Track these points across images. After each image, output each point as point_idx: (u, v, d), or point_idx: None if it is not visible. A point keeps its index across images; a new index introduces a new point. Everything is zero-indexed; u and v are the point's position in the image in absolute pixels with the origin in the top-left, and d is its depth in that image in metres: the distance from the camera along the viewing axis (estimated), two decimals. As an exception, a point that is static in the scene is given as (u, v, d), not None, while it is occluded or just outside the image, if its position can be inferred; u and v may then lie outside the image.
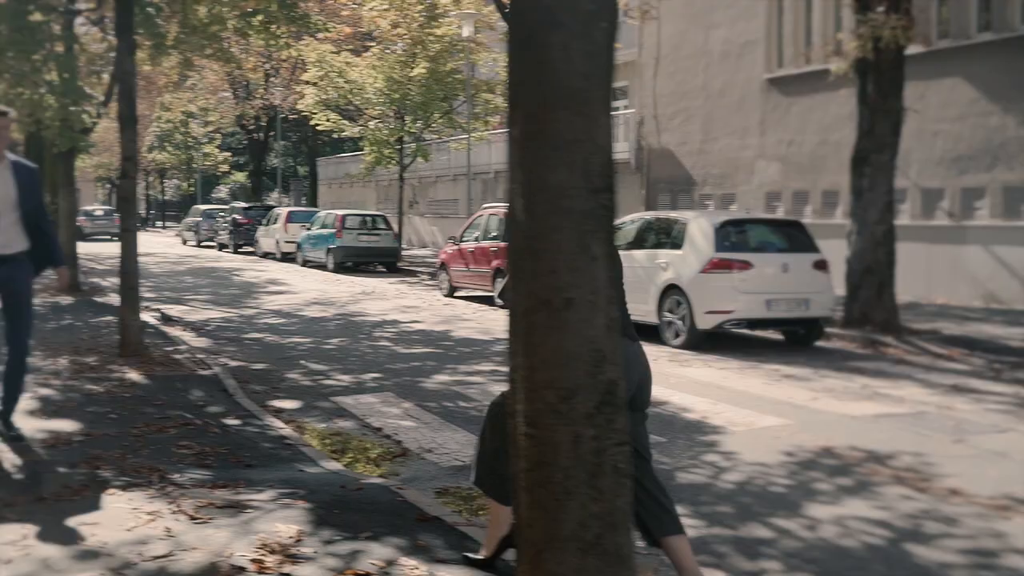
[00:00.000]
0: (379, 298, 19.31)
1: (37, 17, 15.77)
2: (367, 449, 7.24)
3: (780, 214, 20.54)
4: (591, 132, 2.52)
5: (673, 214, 13.85)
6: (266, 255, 33.17)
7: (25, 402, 7.78)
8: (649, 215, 14.55)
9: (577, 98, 2.50)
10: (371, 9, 25.72)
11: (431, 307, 17.75)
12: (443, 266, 20.07)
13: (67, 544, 4.54)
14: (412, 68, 27.16)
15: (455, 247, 19.56)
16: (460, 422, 8.11)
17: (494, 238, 18.27)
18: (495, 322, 15.38)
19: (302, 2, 16.97)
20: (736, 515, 5.71)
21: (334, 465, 6.46)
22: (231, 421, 7.68)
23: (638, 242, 13.55)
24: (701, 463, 6.95)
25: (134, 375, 9.39)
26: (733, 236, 12.52)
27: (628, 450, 2.63)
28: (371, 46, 28.75)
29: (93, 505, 5.21)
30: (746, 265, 12.11)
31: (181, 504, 5.19)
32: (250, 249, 35.47)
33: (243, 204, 40.07)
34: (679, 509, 5.85)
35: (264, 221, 33.75)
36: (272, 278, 24.62)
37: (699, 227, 12.60)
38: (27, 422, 7.09)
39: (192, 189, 65.17)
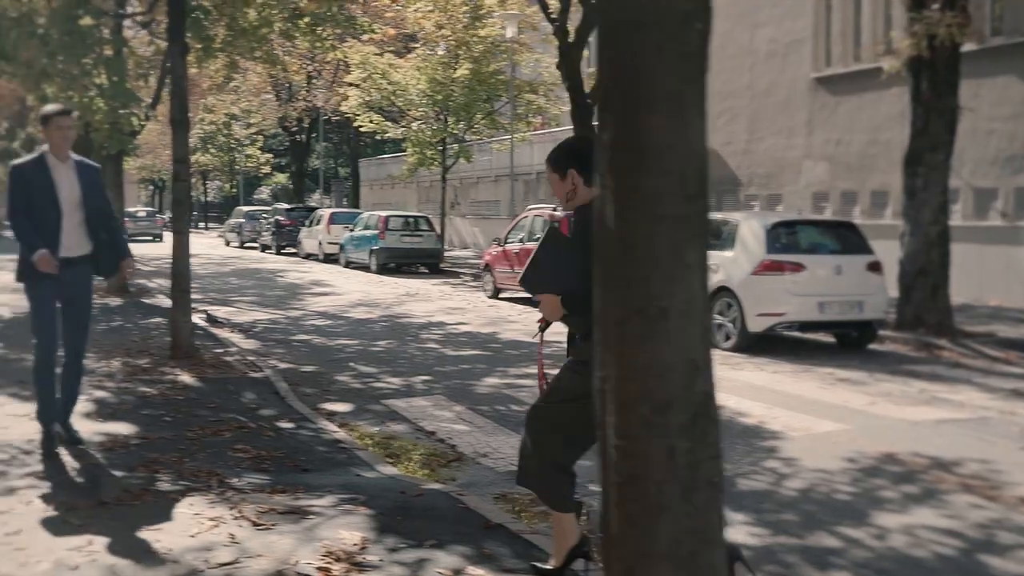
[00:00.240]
0: (423, 300, 19.30)
1: (87, 21, 15.91)
2: (422, 453, 7.18)
3: (828, 214, 20.32)
4: (686, 137, 2.45)
5: (723, 215, 13.68)
6: (308, 256, 33.30)
7: (81, 404, 7.80)
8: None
9: (672, 102, 2.43)
10: (415, 11, 25.72)
11: (476, 309, 17.71)
12: (487, 267, 20.02)
13: (132, 551, 4.52)
14: (455, 69, 27.14)
15: (500, 249, 19.51)
16: (513, 426, 8.02)
17: (539, 239, 18.14)
18: (541, 324, 15.28)
19: (349, 4, 16.97)
20: (801, 524, 5.60)
21: (390, 470, 6.42)
22: (285, 424, 7.65)
23: (687, 244, 13.41)
24: (762, 469, 6.83)
25: (186, 377, 9.41)
26: (785, 237, 12.37)
27: (721, 464, 2.55)
28: (414, 47, 28.78)
29: (155, 510, 5.19)
30: (798, 267, 11.95)
31: (243, 509, 5.16)
32: (292, 250, 35.63)
33: (286, 205, 40.25)
34: (741, 516, 5.79)
35: (307, 222, 33.88)
36: (316, 279, 24.70)
37: (750, 228, 12.45)
38: (84, 424, 7.11)
39: (234, 191, 65.65)
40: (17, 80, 17.71)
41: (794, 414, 8.56)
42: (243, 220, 42.69)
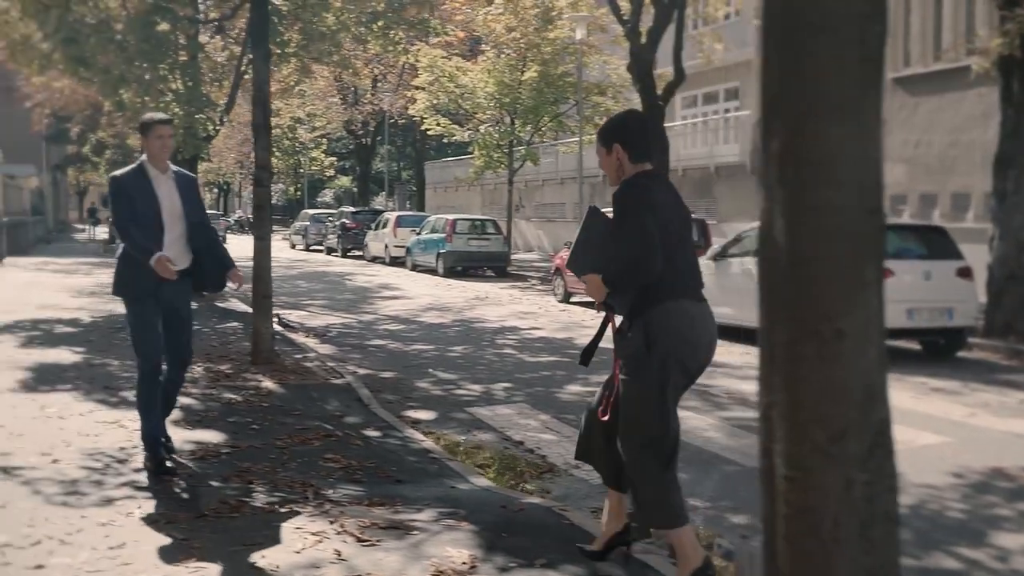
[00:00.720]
0: (494, 304, 19.21)
1: (165, 27, 16.07)
2: (512, 464, 7.04)
3: (905, 217, 19.87)
4: (864, 146, 2.27)
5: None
6: (375, 259, 33.40)
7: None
8: (779, 220, 14.09)
9: (849, 109, 2.26)
10: (486, 14, 25.67)
11: (548, 313, 17.57)
12: (558, 271, 19.86)
13: (239, 568, 4.42)
14: (523, 72, 27.03)
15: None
16: (602, 436, 7.88)
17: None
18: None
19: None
20: (916, 543, 5.37)
21: (484, 482, 6.29)
22: (371, 433, 7.57)
23: (768, 248, 13.16)
24: (866, 484, 6.58)
25: (269, 384, 9.38)
26: (871, 242, 12.02)
27: (898, 496, 2.38)
28: (484, 50, 28.72)
29: (255, 523, 5.11)
30: (886, 272, 11.60)
31: (344, 524, 5.06)
32: (358, 253, 35.77)
33: (352, 208, 40.43)
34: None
35: (373, 226, 33.98)
36: (384, 283, 24.72)
37: (835, 233, 12.14)
38: (174, 432, 7.04)
39: (298, 193, 66.21)
40: (95, 86, 17.96)
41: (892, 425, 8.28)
42: (308, 223, 42.97)
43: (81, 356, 10.74)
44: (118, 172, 6.30)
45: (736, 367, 11.33)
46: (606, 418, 4.36)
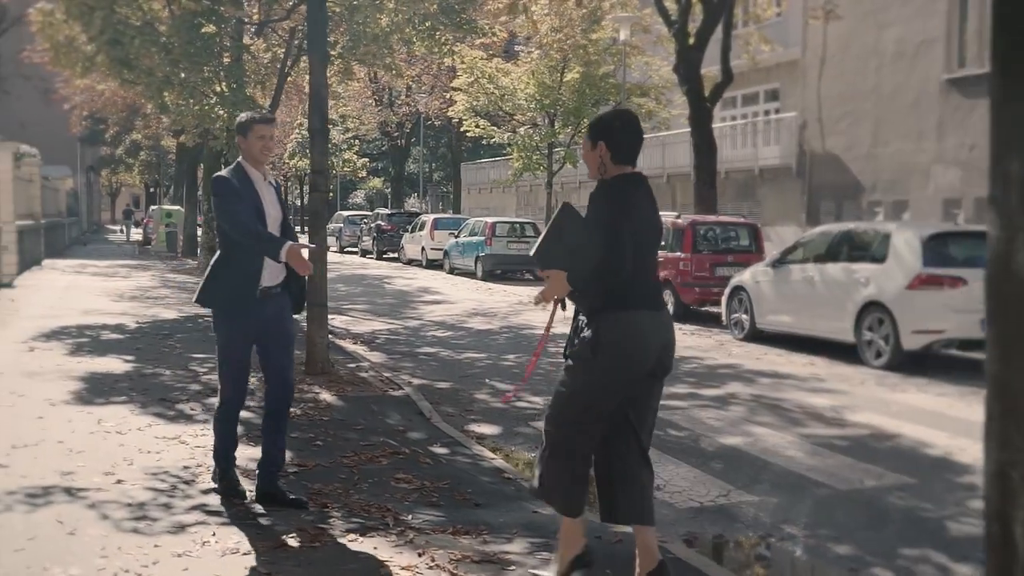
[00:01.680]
0: (539, 309, 18.85)
1: (210, 29, 15.86)
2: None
3: (960, 222, 19.40)
4: None
5: (873, 225, 13.03)
6: (411, 262, 33.18)
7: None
8: (843, 226, 13.70)
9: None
10: (531, 14, 25.32)
11: (595, 319, 17.21)
12: (603, 276, 19.48)
13: (332, 607, 4.13)
14: (565, 73, 26.70)
15: (617, 257, 18.97)
16: (677, 453, 7.55)
17: (661, 248, 17.60)
18: (669, 337, 14.76)
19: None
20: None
21: (566, 505, 5.96)
22: (438, 450, 7.27)
23: (830, 255, 12.78)
24: (969, 511, 6.21)
25: (327, 396, 9.11)
26: (942, 249, 11.64)
27: None
28: (521, 50, 28.39)
29: (339, 555, 4.81)
30: (959, 281, 11.22)
31: (433, 556, 4.76)
32: (393, 255, 35.56)
33: (387, 210, 40.23)
34: (962, 567, 5.24)
35: (409, 228, 33.75)
36: (423, 286, 24.46)
37: (904, 239, 11.76)
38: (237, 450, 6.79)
39: (330, 195, 66.12)
40: (138, 88, 17.79)
41: (981, 445, 7.90)
42: (342, 225, 42.81)
43: (132, 365, 10.51)
44: (223, 172, 5.62)
45: (803, 379, 10.96)
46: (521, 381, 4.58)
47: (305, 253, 5.48)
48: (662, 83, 27.48)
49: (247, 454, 6.75)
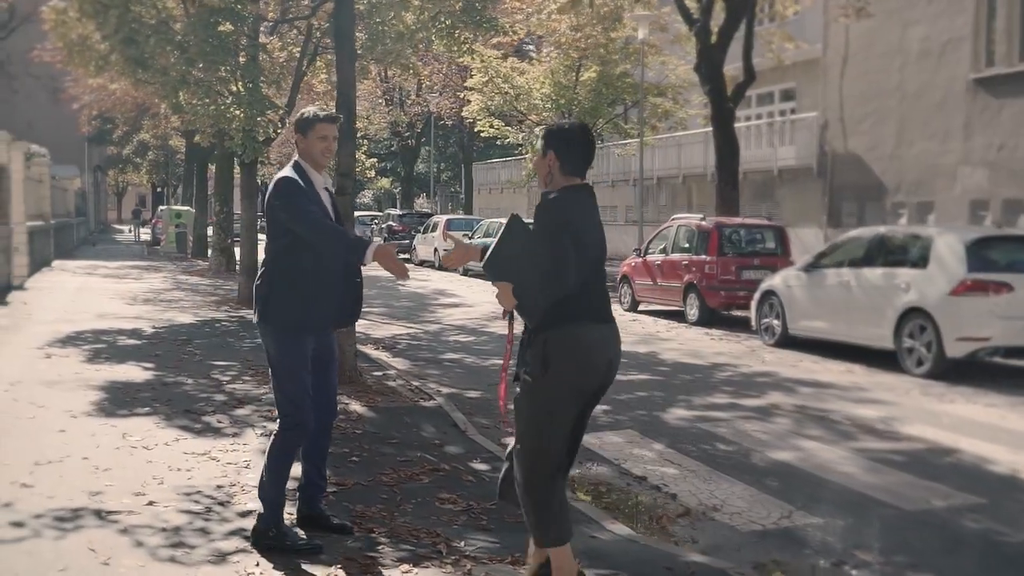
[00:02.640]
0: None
1: (227, 28, 15.52)
2: (642, 505, 6.40)
3: (987, 223, 19.05)
4: None
5: (913, 229, 12.69)
6: (423, 263, 32.88)
7: (258, 440, 7.23)
8: (880, 229, 13.33)
9: None
10: (549, 14, 24.98)
11: (618, 323, 16.85)
12: (625, 279, 19.16)
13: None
14: (582, 73, 26.35)
15: (638, 259, 18.65)
16: (729, 470, 7.22)
17: (685, 251, 17.28)
18: (697, 342, 14.44)
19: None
20: None
21: (623, 529, 5.63)
22: (479, 466, 6.95)
23: (868, 259, 12.42)
24: (1049, 534, 5.90)
25: (357, 407, 8.80)
26: (986, 254, 11.28)
27: None
28: (531, 50, 28.06)
29: (395, 589, 4.49)
30: (1005, 287, 10.86)
31: (497, 591, 4.43)
32: (404, 256, 35.22)
33: (398, 211, 39.93)
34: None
35: (421, 229, 33.43)
36: (438, 288, 24.14)
37: (947, 244, 11.40)
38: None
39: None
40: (152, 87, 17.47)
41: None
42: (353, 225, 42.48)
43: (152, 373, 10.18)
44: (287, 173, 5.03)
45: (844, 388, 10.61)
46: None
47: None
48: (679, 82, 27.11)
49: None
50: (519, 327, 4.39)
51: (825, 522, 6.04)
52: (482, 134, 30.98)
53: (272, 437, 5.09)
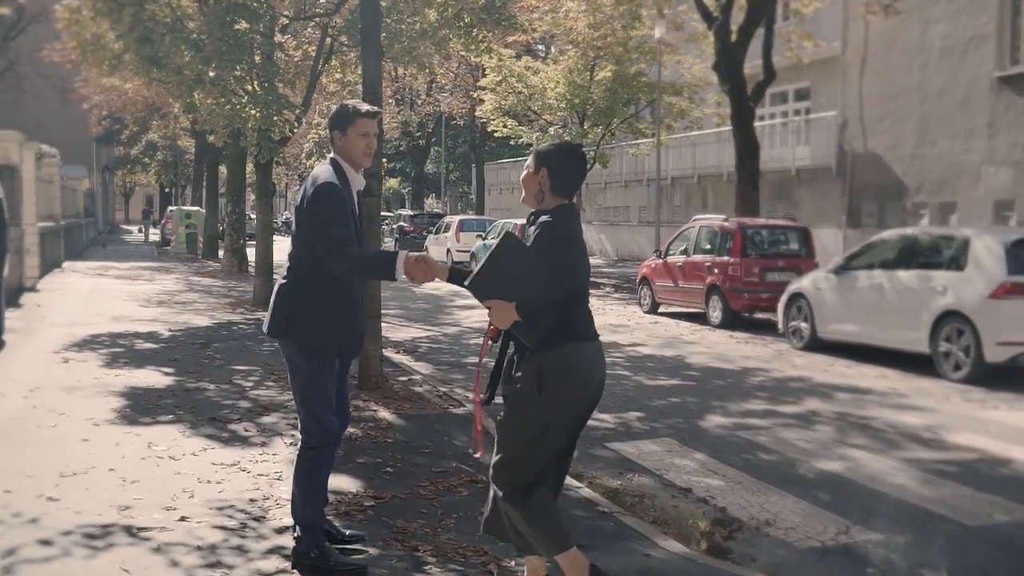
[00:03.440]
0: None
1: (243, 26, 15.28)
2: (690, 519, 6.14)
3: (1012, 224, 18.76)
4: None
5: (948, 230, 12.40)
6: (435, 264, 32.60)
7: (288, 450, 6.98)
8: (912, 231, 13.06)
9: None
10: (566, 12, 24.71)
11: (639, 325, 16.63)
12: (644, 280, 18.90)
13: None
14: (597, 72, 26.07)
15: (659, 261, 18.39)
16: (776, 481, 6.95)
17: (707, 252, 17.02)
18: (723, 345, 14.17)
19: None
20: None
21: (677, 547, 5.38)
22: (518, 477, 6.67)
23: (901, 261, 12.15)
24: (1123, 553, 5.62)
25: (386, 414, 8.54)
26: (1028, 255, 11.00)
27: None
28: (540, 49, 27.78)
29: (450, 615, 4.24)
30: (1047, 292, 10.58)
31: (559, 618, 4.18)
32: (417, 257, 35.02)
33: (409, 212, 39.70)
34: None
35: (434, 230, 33.22)
36: (453, 290, 23.80)
37: (985, 246, 11.12)
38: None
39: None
40: (167, 87, 17.24)
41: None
42: (363, 226, 42.27)
43: (173, 379, 9.94)
44: (330, 178, 4.54)
45: (882, 393, 10.34)
46: (478, 454, 4.62)
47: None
48: (694, 81, 26.83)
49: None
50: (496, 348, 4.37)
51: (885, 538, 5.77)
52: (496, 134, 30.72)
53: (298, 457, 4.79)
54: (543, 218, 4.15)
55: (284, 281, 4.73)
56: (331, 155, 4.75)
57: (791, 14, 23.05)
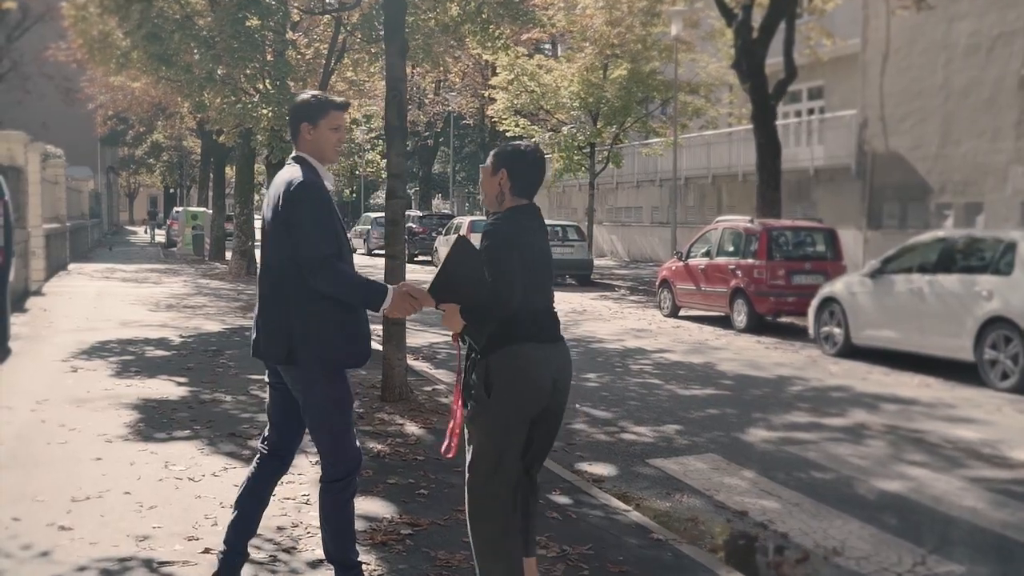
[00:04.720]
0: (596, 318, 17.83)
1: (255, 23, 14.87)
2: (751, 546, 5.70)
3: (1040, 226, 18.31)
4: None
5: (992, 233, 11.92)
6: (444, 265, 32.16)
7: (314, 469, 6.52)
8: (954, 234, 12.61)
9: None
10: (583, 9, 24.25)
11: (662, 330, 16.18)
12: (665, 283, 18.44)
13: None
14: (612, 70, 25.62)
15: (680, 263, 17.93)
16: (836, 503, 6.50)
17: (731, 254, 16.56)
18: (752, 351, 13.71)
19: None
20: None
21: (745, 581, 4.94)
22: (560, 499, 6.25)
23: (941, 265, 11.69)
24: None
25: (413, 428, 8.10)
26: (1080, 259, 10.53)
27: None
28: (546, 48, 27.34)
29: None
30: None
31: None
32: (425, 258, 34.61)
33: (418, 213, 39.26)
34: None
35: (443, 231, 32.76)
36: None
37: (1033, 249, 10.67)
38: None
39: (353, 196, 65.24)
40: (176, 85, 16.84)
41: None
42: (370, 227, 41.81)
43: (187, 389, 9.50)
44: (306, 177, 4.06)
45: (929, 404, 9.88)
46: (450, 455, 4.39)
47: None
48: (710, 80, 26.38)
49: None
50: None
51: (968, 570, 5.32)
52: (507, 133, 30.27)
53: (321, 493, 4.31)
54: (489, 221, 4.14)
55: (269, 299, 4.18)
56: (294, 155, 4.26)
57: (809, 11, 22.59)
